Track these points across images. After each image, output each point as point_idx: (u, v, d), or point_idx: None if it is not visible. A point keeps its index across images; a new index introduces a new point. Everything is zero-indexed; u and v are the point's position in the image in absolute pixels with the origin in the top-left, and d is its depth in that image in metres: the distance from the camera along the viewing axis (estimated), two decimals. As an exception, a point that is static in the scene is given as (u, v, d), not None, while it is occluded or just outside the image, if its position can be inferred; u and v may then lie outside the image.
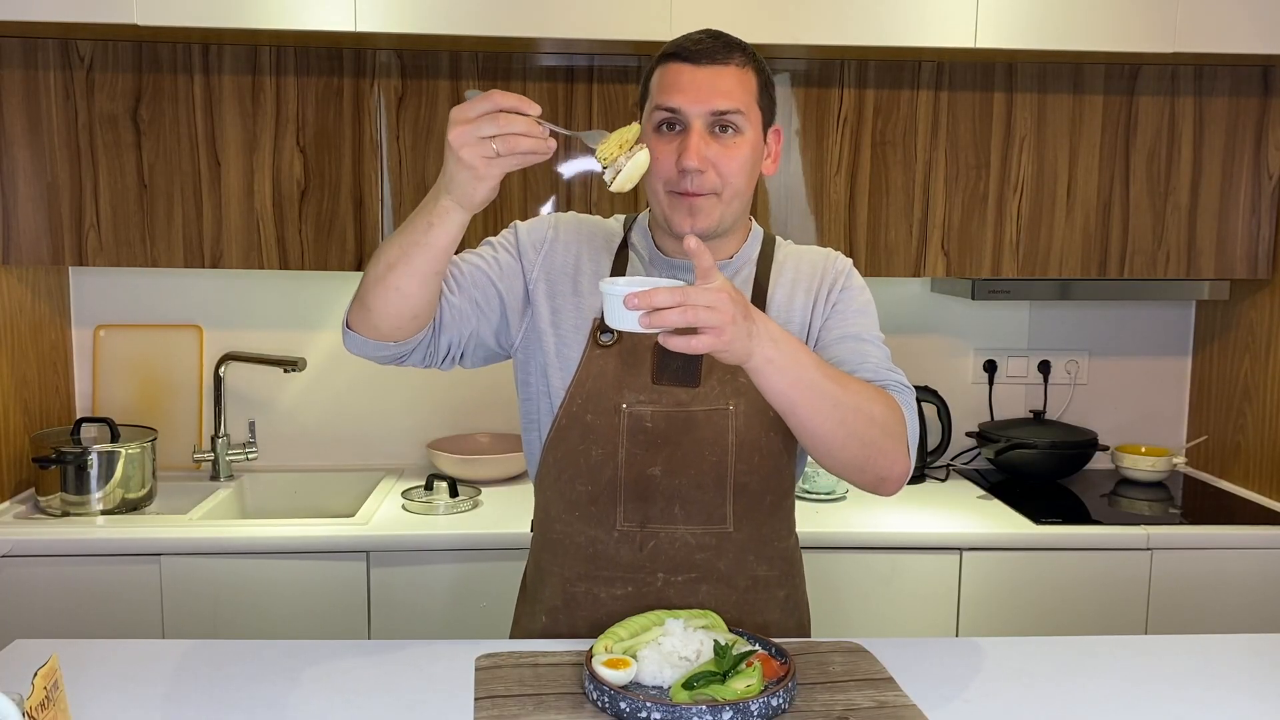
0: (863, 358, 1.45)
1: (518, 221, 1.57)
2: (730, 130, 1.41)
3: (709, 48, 1.41)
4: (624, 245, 1.55)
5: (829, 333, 1.49)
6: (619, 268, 1.53)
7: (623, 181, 1.33)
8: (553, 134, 1.23)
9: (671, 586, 1.48)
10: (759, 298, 1.51)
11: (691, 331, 1.16)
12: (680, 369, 1.47)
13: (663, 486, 1.48)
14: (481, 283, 1.49)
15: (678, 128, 1.41)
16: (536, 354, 1.52)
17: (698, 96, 1.39)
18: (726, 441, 1.48)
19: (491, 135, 1.20)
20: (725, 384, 1.48)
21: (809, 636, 1.62)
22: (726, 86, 1.40)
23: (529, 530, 1.64)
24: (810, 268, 1.54)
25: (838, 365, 1.41)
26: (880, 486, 1.40)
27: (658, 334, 1.17)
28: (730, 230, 1.49)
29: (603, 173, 1.35)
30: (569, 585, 1.52)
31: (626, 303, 1.14)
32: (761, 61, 1.46)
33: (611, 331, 1.47)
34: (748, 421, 1.48)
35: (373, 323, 1.37)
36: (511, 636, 1.64)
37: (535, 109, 1.22)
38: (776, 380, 1.25)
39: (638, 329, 1.16)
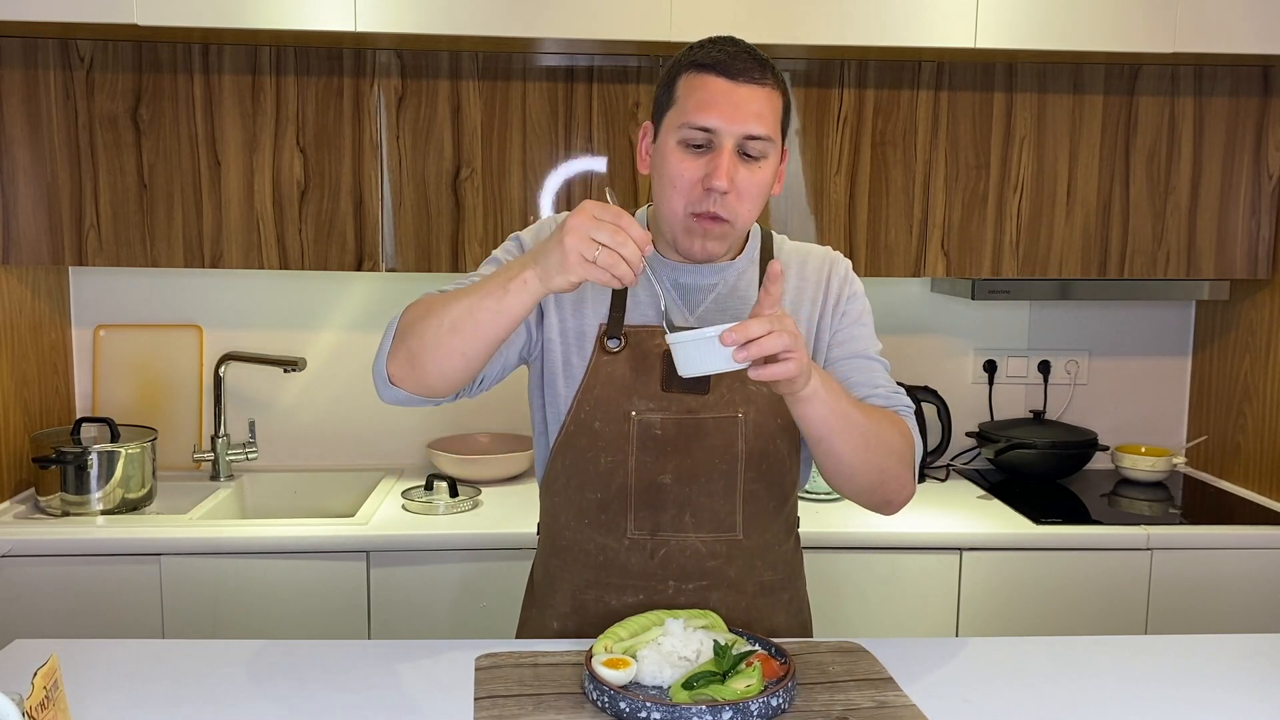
0: (873, 380, 1.50)
1: (520, 233, 1.53)
2: (756, 156, 1.39)
3: (745, 65, 1.38)
4: None
5: (837, 349, 1.52)
6: None
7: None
8: (647, 273, 1.28)
9: (682, 594, 1.48)
10: None
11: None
12: (690, 376, 1.46)
13: (673, 494, 1.48)
14: None
15: (702, 145, 1.38)
16: (546, 362, 1.51)
17: (734, 117, 1.36)
18: (737, 450, 1.48)
19: (602, 242, 1.21)
20: (734, 391, 1.47)
21: (811, 636, 1.63)
22: (761, 110, 1.38)
23: (534, 531, 1.64)
24: (815, 275, 1.54)
25: (848, 385, 1.45)
26: (885, 508, 1.48)
27: (743, 369, 1.20)
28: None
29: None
30: (579, 592, 1.52)
31: (724, 339, 1.18)
32: (785, 83, 1.44)
33: (619, 337, 1.47)
34: (757, 429, 1.48)
35: (426, 382, 1.36)
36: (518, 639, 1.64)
37: (650, 249, 1.23)
38: (819, 408, 1.30)
39: (727, 367, 1.20)
